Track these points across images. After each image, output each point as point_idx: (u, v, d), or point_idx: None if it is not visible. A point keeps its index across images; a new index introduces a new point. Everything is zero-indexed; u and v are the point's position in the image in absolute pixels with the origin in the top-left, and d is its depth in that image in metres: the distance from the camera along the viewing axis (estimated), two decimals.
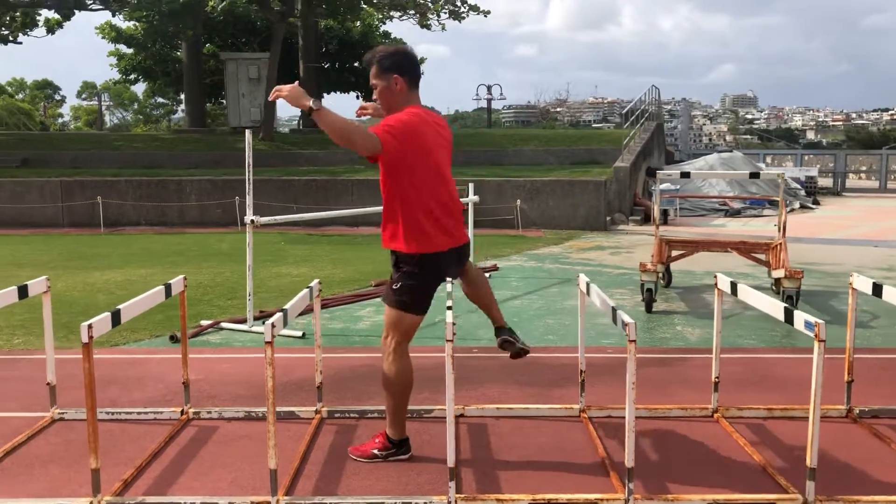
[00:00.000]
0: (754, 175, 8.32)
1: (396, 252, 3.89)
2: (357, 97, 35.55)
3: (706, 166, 20.07)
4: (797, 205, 19.44)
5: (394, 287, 3.90)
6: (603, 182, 15.91)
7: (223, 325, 7.12)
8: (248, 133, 7.06)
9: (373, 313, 7.80)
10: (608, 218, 16.00)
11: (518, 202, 15.57)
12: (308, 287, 4.49)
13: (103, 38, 31.93)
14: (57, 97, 72.06)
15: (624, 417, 4.58)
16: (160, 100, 63.71)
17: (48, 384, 4.72)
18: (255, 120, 26.02)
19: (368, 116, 4.10)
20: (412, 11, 21.78)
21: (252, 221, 6.90)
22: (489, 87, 42.14)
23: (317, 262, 11.26)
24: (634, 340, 3.40)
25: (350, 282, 9.48)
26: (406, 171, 3.77)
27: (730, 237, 9.73)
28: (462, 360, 5.98)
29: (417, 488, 3.70)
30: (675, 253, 8.86)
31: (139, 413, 4.73)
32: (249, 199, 7.09)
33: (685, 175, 8.68)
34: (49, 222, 16.91)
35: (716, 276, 4.44)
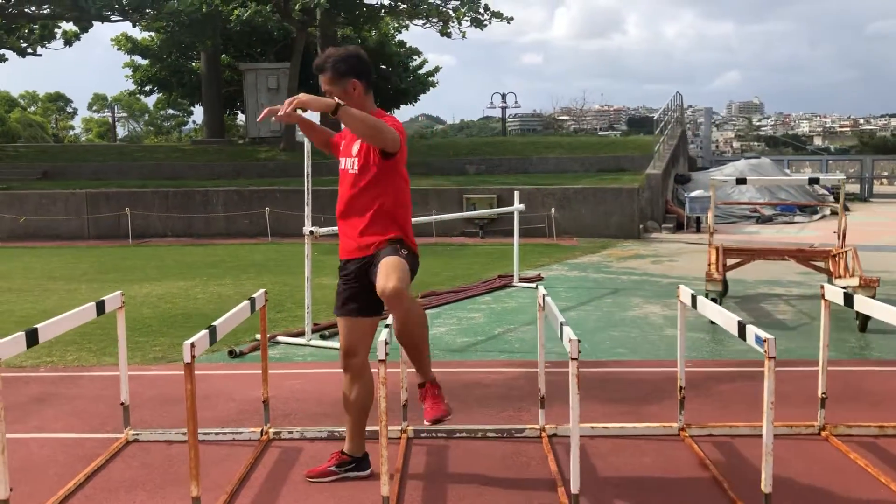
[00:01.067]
0: (814, 181, 8.10)
1: (399, 239, 3.67)
2: None
3: (736, 172, 19.78)
4: (828, 211, 19.15)
5: (402, 251, 3.64)
6: (636, 189, 15.69)
7: (279, 338, 6.92)
8: (306, 143, 6.89)
9: (436, 324, 7.59)
10: (641, 226, 15.77)
11: (553, 210, 15.34)
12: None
13: (119, 49, 31.94)
14: (69, 109, 72.31)
15: (727, 436, 4.42)
16: (171, 111, 63.96)
17: (122, 404, 4.52)
18: (275, 130, 25.91)
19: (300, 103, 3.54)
20: (434, 19, 21.62)
21: (311, 233, 6.70)
22: (503, 96, 42.05)
23: None
24: (774, 357, 3.19)
25: None
26: (401, 170, 3.74)
27: (786, 245, 9.51)
28: (531, 375, 5.77)
29: None
30: (731, 261, 8.62)
31: (217, 434, 4.53)
32: (308, 210, 6.93)
33: (741, 181, 8.45)
34: (74, 234, 16.77)
35: (823, 289, 4.23)
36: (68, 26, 27.54)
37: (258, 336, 7.06)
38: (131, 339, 6.93)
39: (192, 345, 3.27)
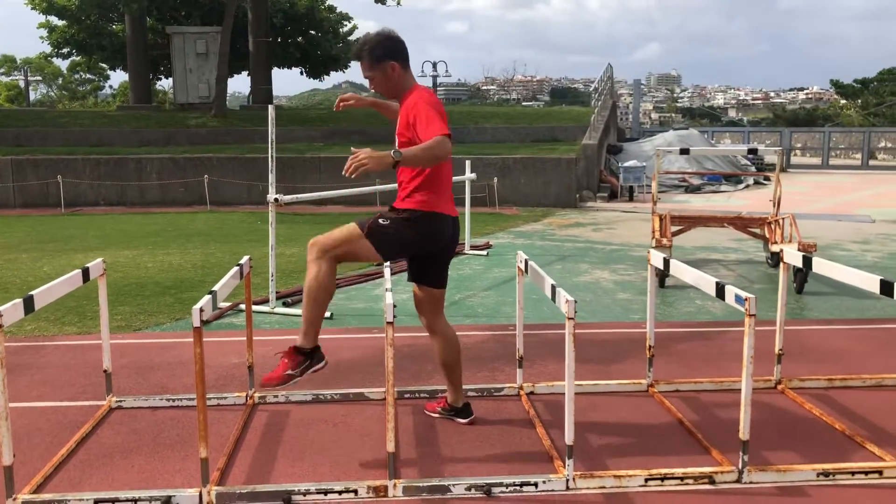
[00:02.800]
0: (752, 151, 8.47)
1: (404, 208, 3.89)
2: (301, 73, 34.98)
3: (665, 143, 20.41)
4: (751, 181, 19.95)
5: (380, 220, 3.85)
6: (574, 159, 16.03)
7: (242, 306, 6.92)
8: (271, 109, 6.86)
9: (397, 290, 7.70)
10: (577, 195, 16.14)
11: (495, 180, 15.55)
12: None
13: (33, 8, 30.51)
14: None
15: (695, 391, 4.71)
16: (87, 76, 61.54)
17: (105, 371, 4.51)
18: (204, 96, 25.32)
19: (351, 104, 4.18)
20: None
21: (276, 200, 6.71)
22: (434, 64, 42.01)
23: (302, 241, 11.03)
24: (754, 315, 3.45)
25: (348, 263, 9.32)
26: None
27: (726, 212, 9.95)
28: (503, 338, 5.98)
29: (524, 467, 3.67)
30: (674, 228, 8.98)
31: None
32: (272, 178, 6.90)
33: (685, 151, 8.78)
34: None
35: (783, 253, 4.53)
36: None
37: (221, 304, 7.08)
38: (89, 308, 6.86)
39: (201, 310, 3.32)
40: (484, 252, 10.03)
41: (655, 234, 8.77)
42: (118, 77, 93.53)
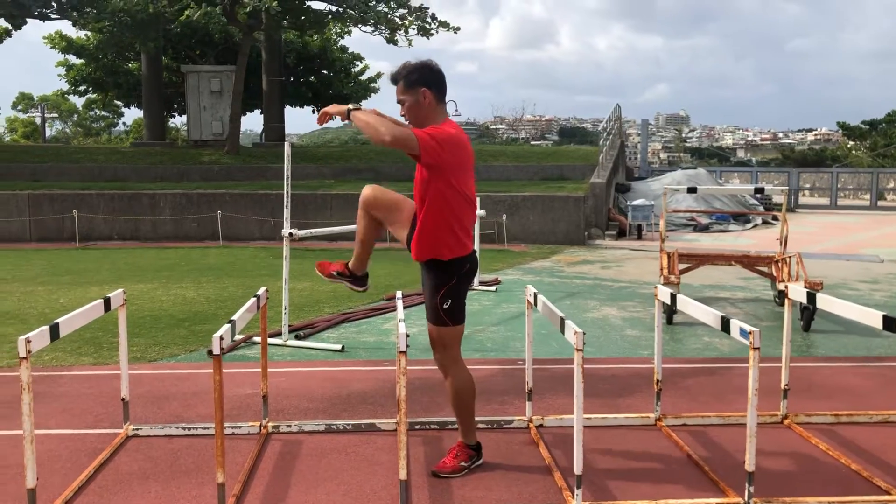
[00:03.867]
0: (759, 190, 8.61)
1: (435, 261, 3.91)
2: (313, 111, 35.48)
3: (673, 182, 20.56)
4: (759, 220, 20.05)
5: (443, 306, 3.96)
6: (582, 197, 16.17)
7: (256, 339, 7.02)
8: (287, 146, 7.00)
9: (409, 325, 7.79)
10: (586, 233, 16.26)
11: (504, 217, 15.70)
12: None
13: (52, 48, 31.19)
14: None
15: (702, 426, 4.77)
16: (101, 112, 62.47)
17: (123, 399, 4.61)
18: (217, 133, 25.69)
19: (336, 121, 4.12)
20: (382, 27, 21.81)
21: (291, 235, 6.84)
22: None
23: (315, 276, 11.18)
24: (758, 348, 3.52)
25: (358, 297, 9.43)
26: (447, 177, 3.80)
27: (733, 251, 10.04)
28: (511, 372, 6.05)
29: (534, 497, 3.73)
30: (682, 266, 9.07)
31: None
32: (287, 213, 7.02)
33: (692, 190, 8.92)
34: (15, 237, 16.38)
35: (787, 290, 4.61)
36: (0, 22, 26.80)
37: (235, 337, 7.18)
38: (105, 339, 6.98)
39: (221, 338, 3.43)
40: (493, 288, 10.13)
41: (663, 271, 8.85)
42: (131, 114, 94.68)
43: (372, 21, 21.70)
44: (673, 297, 4.43)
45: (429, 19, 21.77)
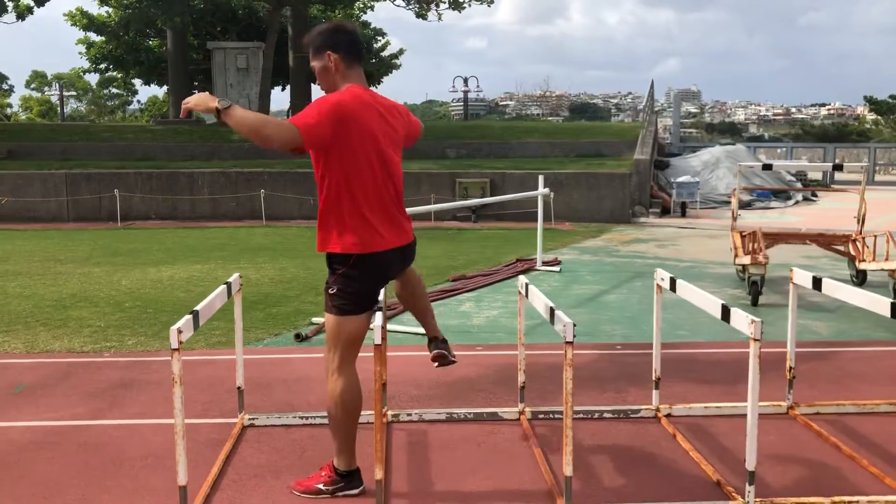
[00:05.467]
0: (838, 167, 8.35)
1: (331, 254, 3.45)
2: None
3: (713, 159, 20.26)
4: (800, 196, 19.74)
5: (329, 291, 3.45)
6: (627, 174, 15.91)
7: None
8: None
9: (475, 308, 7.63)
10: (630, 211, 16.01)
11: (552, 195, 15.44)
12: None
13: (73, 24, 30.95)
14: (3, 87, 70.00)
15: (837, 414, 4.57)
16: (115, 90, 62.40)
17: (238, 388, 4.45)
18: None
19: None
20: (413, 1, 21.47)
21: None
22: (466, 80, 42.05)
23: None
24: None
25: (424, 277, 9.23)
26: (341, 157, 3.31)
27: (808, 230, 9.80)
28: (614, 357, 5.87)
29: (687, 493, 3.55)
30: (753, 246, 8.83)
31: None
32: None
33: (767, 167, 8.67)
34: (53, 216, 16.26)
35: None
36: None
37: (315, 319, 7.02)
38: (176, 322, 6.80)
39: (383, 327, 3.25)
40: (556, 268, 9.93)
41: (738, 250, 8.63)
42: (145, 93, 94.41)
43: None
44: (817, 280, 4.21)
45: None
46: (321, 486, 3.52)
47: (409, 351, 5.98)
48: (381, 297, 3.88)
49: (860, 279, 8.46)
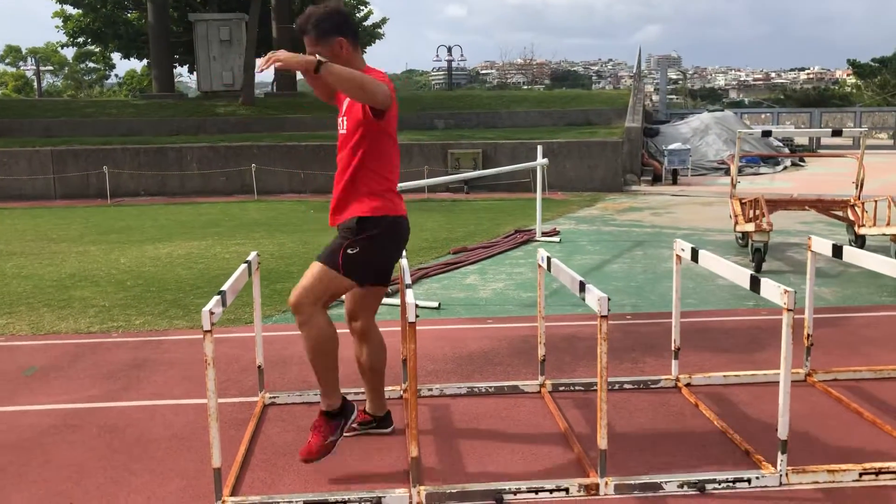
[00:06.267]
0: (837, 133, 8.36)
1: (360, 217, 3.46)
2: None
3: (702, 125, 20.26)
4: (788, 162, 19.81)
5: (348, 251, 3.46)
6: (620, 142, 15.88)
7: (344, 296, 6.79)
8: None
9: (480, 280, 7.61)
10: (622, 179, 16.00)
11: (546, 162, 15.40)
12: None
13: None
14: None
15: (855, 380, 4.60)
16: (92, 64, 61.46)
17: (258, 367, 4.42)
18: (228, 84, 25.12)
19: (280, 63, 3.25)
20: None
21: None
22: (449, 49, 41.72)
23: None
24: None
25: (425, 250, 9.21)
26: (387, 127, 3.48)
27: (804, 195, 9.82)
28: (622, 328, 5.88)
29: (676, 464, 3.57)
30: (752, 213, 8.85)
31: (356, 394, 4.45)
32: None
33: (767, 133, 8.66)
34: (40, 194, 16.05)
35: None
36: None
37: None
38: (190, 301, 6.77)
39: (416, 304, 3.22)
40: (556, 238, 9.92)
41: (738, 218, 8.65)
42: (122, 66, 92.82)
43: None
44: (838, 248, 4.21)
45: None
46: (330, 437, 3.51)
47: (421, 325, 5.94)
48: (406, 272, 3.86)
49: (859, 244, 8.52)
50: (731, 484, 3.33)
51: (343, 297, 3.82)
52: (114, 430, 4.06)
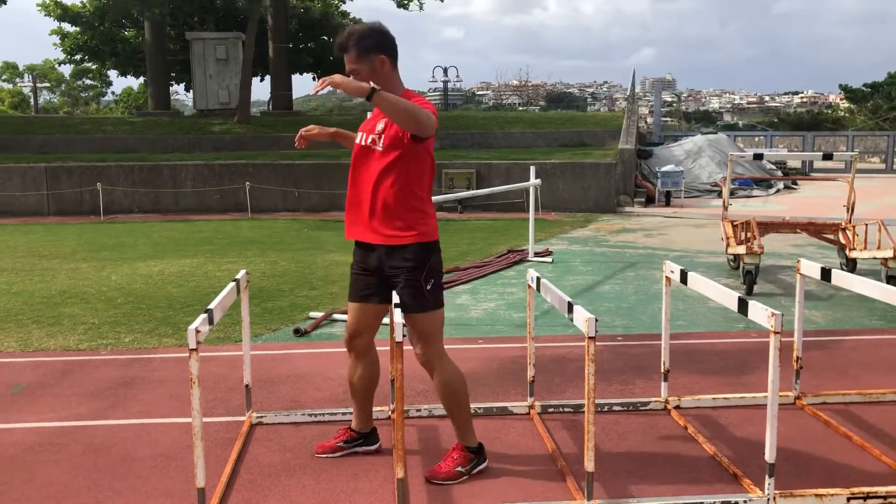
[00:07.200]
0: (828, 156, 8.41)
1: (422, 244, 3.55)
2: (313, 78, 34.91)
3: (695, 148, 20.35)
4: (781, 185, 19.88)
5: (427, 287, 3.57)
6: (613, 164, 15.94)
7: (336, 316, 6.80)
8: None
9: (472, 300, 7.60)
10: (615, 200, 16.04)
11: (539, 182, 15.45)
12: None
13: (47, 15, 30.48)
14: None
15: (843, 404, 4.59)
16: (89, 81, 61.64)
17: (246, 386, 4.39)
18: (224, 102, 25.19)
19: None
20: None
21: None
22: (445, 70, 41.95)
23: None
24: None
25: None
26: (427, 150, 3.52)
27: (796, 219, 9.86)
28: (614, 349, 5.87)
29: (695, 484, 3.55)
30: (743, 236, 8.88)
31: (343, 414, 4.44)
32: None
33: (758, 156, 8.70)
34: (33, 210, 16.01)
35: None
36: None
37: (312, 314, 6.96)
38: (179, 319, 6.74)
39: (404, 324, 3.21)
40: (549, 258, 9.93)
41: (730, 240, 8.67)
42: (119, 84, 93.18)
43: None
44: (826, 271, 4.22)
45: None
46: (460, 468, 3.63)
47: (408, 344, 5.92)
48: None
49: (850, 267, 8.55)
50: None
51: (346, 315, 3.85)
52: (99, 449, 4.03)
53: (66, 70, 56.57)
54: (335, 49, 3.59)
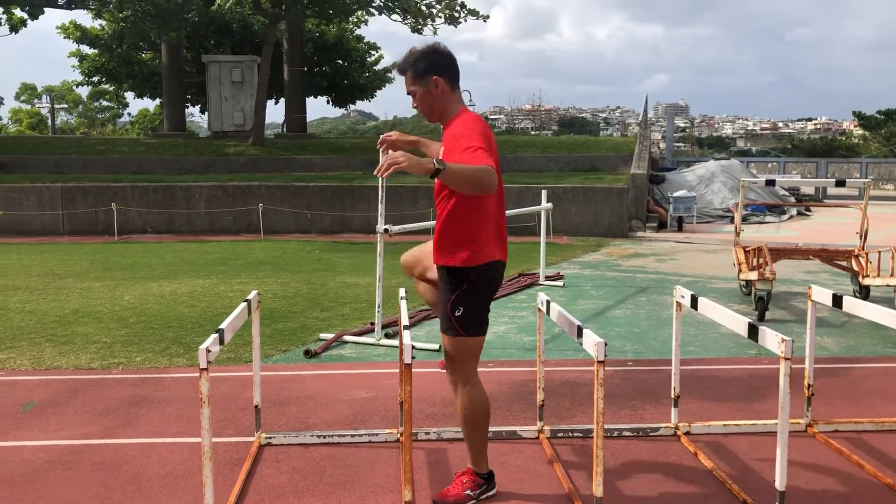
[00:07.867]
0: (840, 183, 8.41)
1: (451, 267, 3.48)
2: (328, 102, 35.20)
3: (707, 173, 20.35)
4: (794, 211, 19.83)
5: (455, 314, 3.48)
6: (625, 189, 15.95)
7: (346, 338, 6.81)
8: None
9: (492, 322, 7.58)
10: (627, 225, 16.04)
11: (551, 206, 15.48)
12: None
13: (66, 37, 30.97)
14: None
15: (856, 432, 4.55)
16: (105, 103, 62.36)
17: (255, 406, 4.40)
18: (238, 125, 25.43)
19: (392, 150, 3.36)
20: (409, 16, 21.50)
21: (386, 231, 6.60)
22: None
23: (370, 270, 10.94)
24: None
25: None
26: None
27: (809, 245, 9.83)
28: (626, 374, 5.85)
29: None
30: (755, 262, 8.85)
31: (353, 436, 4.44)
32: (382, 208, 6.76)
33: (770, 182, 8.70)
34: (48, 230, 16.16)
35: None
36: (17, 12, 26.43)
37: (322, 335, 6.97)
38: (190, 339, 6.77)
39: (413, 346, 3.22)
40: (560, 283, 9.92)
41: (742, 266, 8.65)
42: (135, 105, 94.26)
43: (399, 10, 21.37)
44: (838, 298, 4.20)
45: (458, 7, 21.47)
46: (469, 492, 3.61)
47: (420, 367, 5.94)
48: (404, 315, 3.87)
49: (863, 294, 8.49)
50: None
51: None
52: (109, 468, 4.05)
53: (84, 91, 57.29)
54: (395, 71, 3.60)
